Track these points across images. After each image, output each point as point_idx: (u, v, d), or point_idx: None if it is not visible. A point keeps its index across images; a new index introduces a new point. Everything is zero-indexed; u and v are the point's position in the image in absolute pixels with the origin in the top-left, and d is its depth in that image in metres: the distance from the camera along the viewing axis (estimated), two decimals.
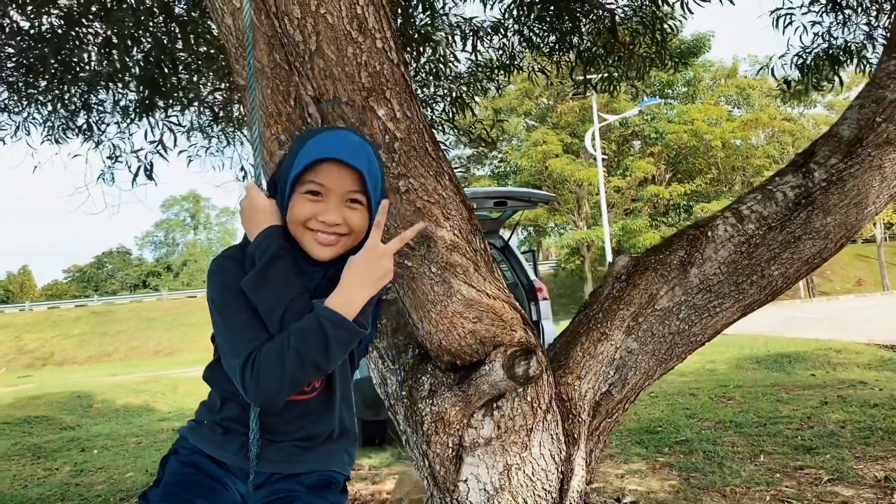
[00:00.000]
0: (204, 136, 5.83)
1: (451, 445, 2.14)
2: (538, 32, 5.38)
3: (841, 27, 5.20)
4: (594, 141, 25.57)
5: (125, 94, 5.21)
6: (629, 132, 31.44)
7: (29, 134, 5.43)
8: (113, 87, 5.00)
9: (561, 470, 2.24)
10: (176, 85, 4.86)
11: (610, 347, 2.39)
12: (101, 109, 5.37)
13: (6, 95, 5.18)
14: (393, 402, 2.30)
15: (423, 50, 5.18)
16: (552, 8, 5.01)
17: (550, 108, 32.56)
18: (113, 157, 5.47)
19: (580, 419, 2.35)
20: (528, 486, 2.17)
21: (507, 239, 7.30)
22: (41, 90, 5.06)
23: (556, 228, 34.45)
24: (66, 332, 31.53)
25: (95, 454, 7.12)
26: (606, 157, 28.68)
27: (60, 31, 4.57)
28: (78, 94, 5.13)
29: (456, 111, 5.64)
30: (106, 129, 5.48)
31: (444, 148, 2.41)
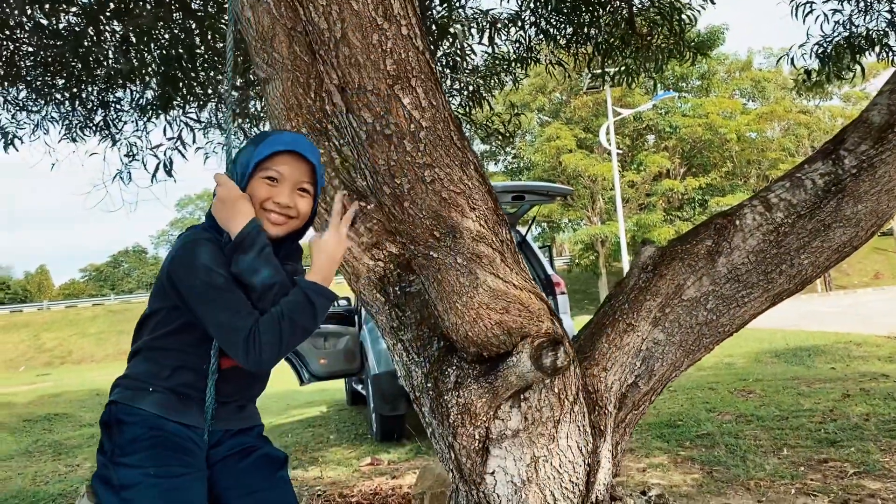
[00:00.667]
0: (221, 132, 5.83)
1: (477, 437, 2.12)
2: (555, 24, 5.34)
3: (862, 15, 5.13)
4: (609, 135, 25.40)
5: (143, 91, 5.22)
6: (643, 126, 31.26)
7: (47, 132, 5.46)
8: (131, 84, 5.02)
9: (588, 462, 2.22)
10: (194, 81, 4.87)
11: (636, 338, 2.36)
12: (118, 108, 5.39)
13: (25, 94, 5.21)
14: (418, 394, 2.27)
15: (440, 42, 5.15)
16: None
17: (564, 103, 32.44)
18: (130, 154, 5.49)
19: (606, 411, 2.33)
20: (555, 478, 2.14)
21: (523, 234, 7.29)
22: (59, 88, 5.09)
23: (569, 224, 34.33)
24: (83, 330, 31.80)
25: None
26: (621, 151, 28.51)
27: (79, 28, 4.58)
28: (96, 91, 5.15)
29: (473, 105, 5.61)
30: (123, 126, 5.50)
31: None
